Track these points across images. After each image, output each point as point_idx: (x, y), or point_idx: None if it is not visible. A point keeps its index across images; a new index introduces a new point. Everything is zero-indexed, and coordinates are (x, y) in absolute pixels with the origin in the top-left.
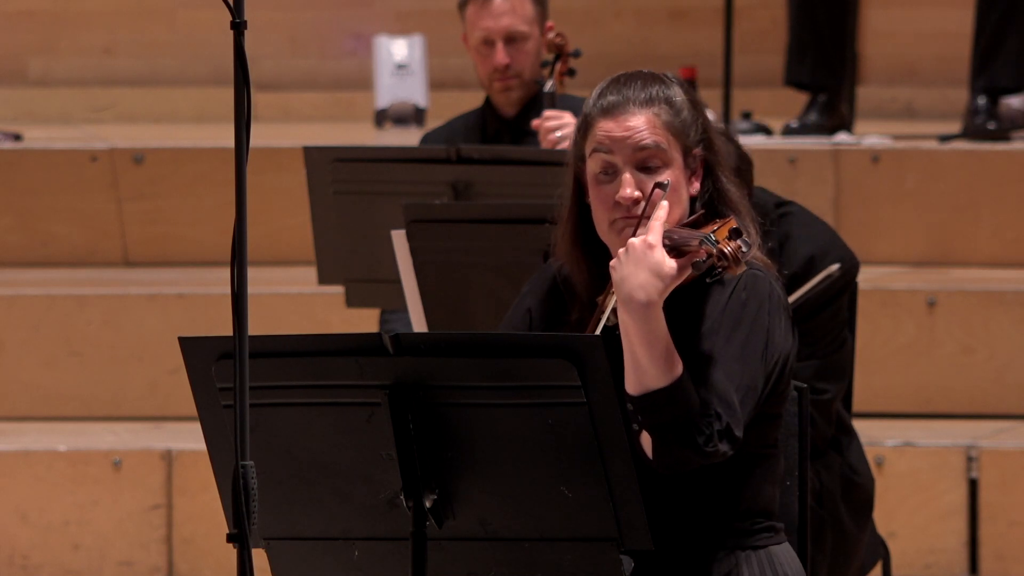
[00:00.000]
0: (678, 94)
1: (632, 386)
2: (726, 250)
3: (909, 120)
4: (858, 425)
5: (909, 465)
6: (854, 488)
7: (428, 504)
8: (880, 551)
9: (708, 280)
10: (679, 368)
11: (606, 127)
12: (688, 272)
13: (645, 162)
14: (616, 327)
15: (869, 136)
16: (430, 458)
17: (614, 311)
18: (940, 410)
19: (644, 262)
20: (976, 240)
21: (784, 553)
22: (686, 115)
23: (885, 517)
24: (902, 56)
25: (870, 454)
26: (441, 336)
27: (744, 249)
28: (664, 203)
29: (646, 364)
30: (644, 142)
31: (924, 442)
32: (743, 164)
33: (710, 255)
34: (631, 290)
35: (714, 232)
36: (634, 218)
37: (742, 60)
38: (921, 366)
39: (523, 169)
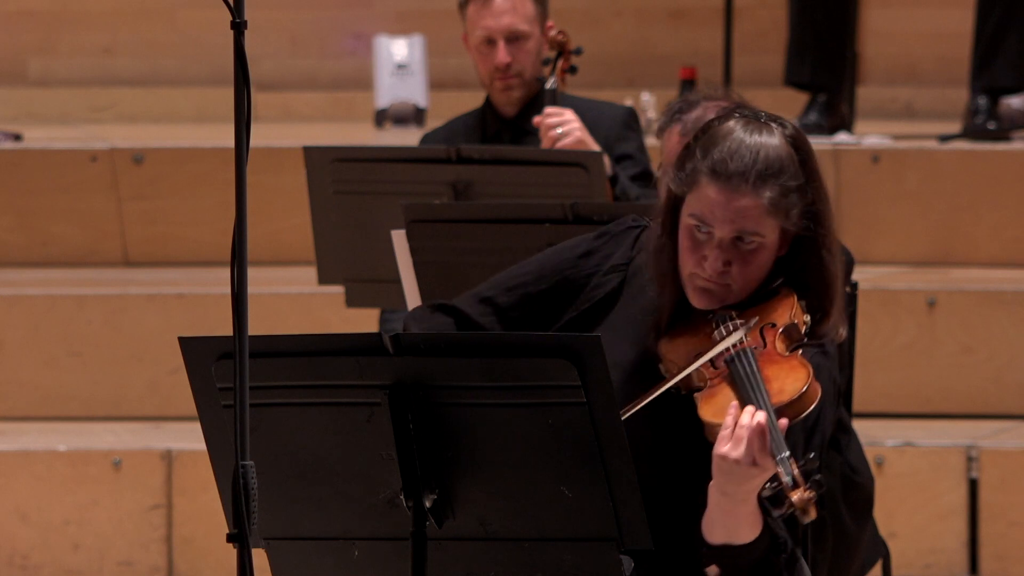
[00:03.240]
0: (790, 163)
1: (715, 538)
2: (795, 499)
3: (909, 120)
4: (858, 425)
5: (909, 465)
6: (854, 488)
7: (428, 504)
8: (880, 551)
9: (776, 516)
10: (760, 523)
11: (712, 196)
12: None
13: (740, 238)
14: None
15: (869, 136)
16: (430, 458)
17: (678, 390)
18: (940, 410)
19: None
20: (976, 240)
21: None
22: (793, 195)
23: (885, 517)
24: (902, 56)
25: (870, 454)
26: (441, 336)
27: (816, 500)
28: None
29: (733, 528)
30: (745, 230)
31: (924, 442)
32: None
33: (783, 494)
34: (732, 492)
35: (788, 408)
36: (715, 284)
37: (742, 60)
38: (921, 366)
39: (523, 169)
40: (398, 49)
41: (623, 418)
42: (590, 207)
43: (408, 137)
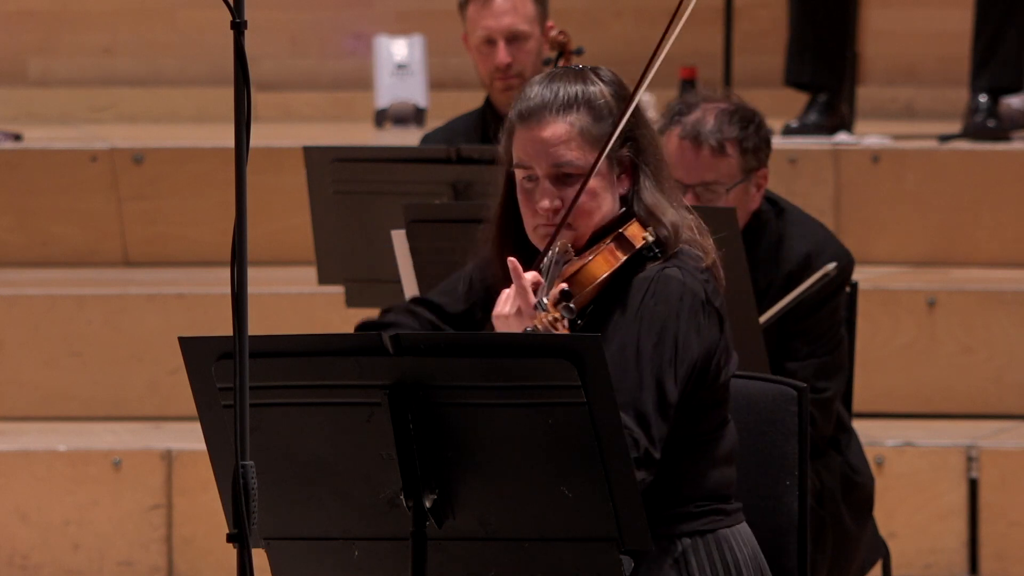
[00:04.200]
0: (601, 94)
1: None
2: (544, 322)
3: (909, 120)
4: (858, 425)
5: (909, 465)
6: (854, 488)
7: (428, 504)
8: (880, 551)
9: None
10: None
11: (524, 136)
12: None
13: (562, 172)
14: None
15: (869, 136)
16: (430, 458)
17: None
18: (940, 410)
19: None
20: (976, 240)
21: (737, 535)
22: (607, 120)
23: (885, 517)
24: (902, 56)
25: (870, 454)
26: (441, 336)
27: (565, 316)
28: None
29: None
30: (560, 159)
31: (924, 442)
32: (763, 144)
33: (538, 324)
34: None
35: (565, 279)
36: (552, 226)
37: (742, 60)
38: (921, 366)
39: None
40: (398, 49)
41: None
42: None
43: (408, 137)
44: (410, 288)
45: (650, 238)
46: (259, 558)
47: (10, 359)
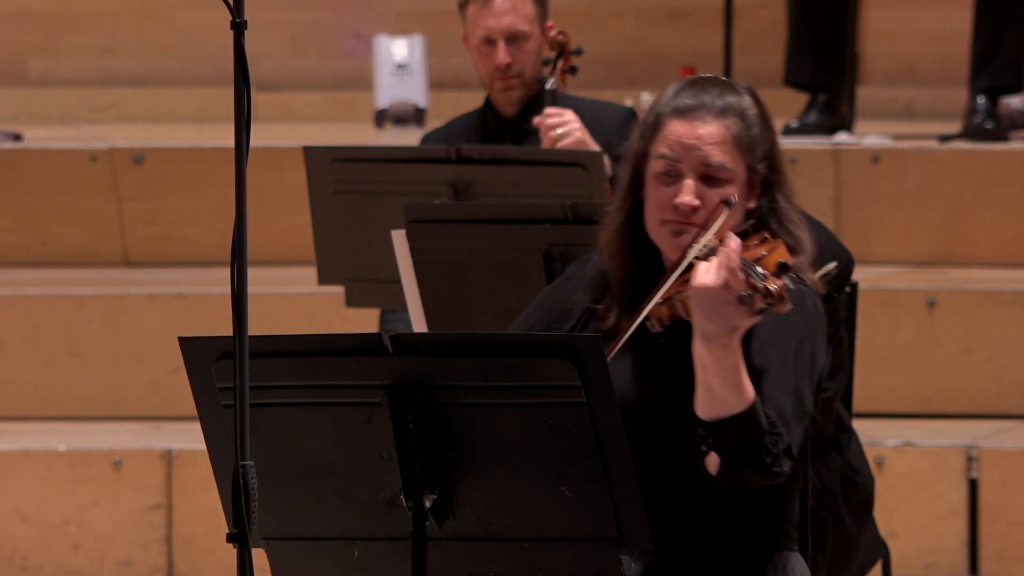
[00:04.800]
0: (751, 107)
1: (705, 411)
2: (772, 287)
3: (909, 120)
4: (858, 425)
5: (909, 465)
6: (854, 488)
7: (428, 504)
8: (880, 551)
9: (752, 314)
10: (751, 393)
11: (677, 130)
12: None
13: (709, 173)
14: (651, 332)
15: (869, 136)
16: (430, 458)
17: (657, 319)
18: (940, 410)
19: (723, 308)
20: (976, 240)
21: (795, 561)
22: (756, 131)
23: (885, 517)
24: (902, 56)
25: (870, 454)
26: (441, 336)
27: (791, 286)
28: (724, 226)
29: (721, 392)
30: (712, 159)
31: (924, 442)
32: None
33: (756, 291)
34: (713, 332)
35: (761, 261)
36: (688, 224)
37: (742, 60)
38: (921, 366)
39: (523, 169)
40: (398, 49)
41: (610, 356)
42: (590, 207)
43: (408, 137)
44: (410, 288)
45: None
46: (259, 558)
47: (10, 359)
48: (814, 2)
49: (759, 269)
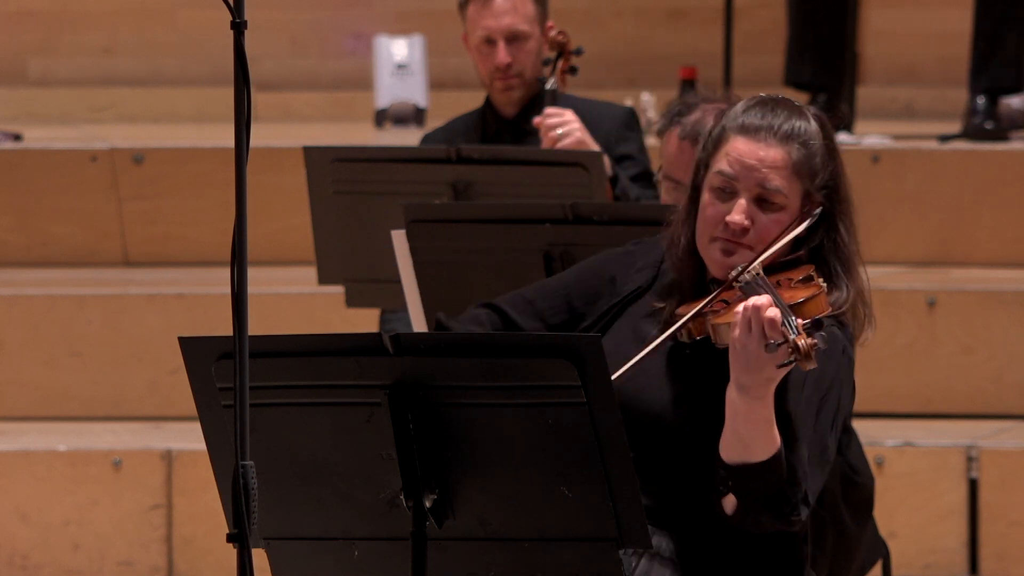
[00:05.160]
0: (816, 135)
1: (729, 455)
2: (801, 344)
3: (909, 120)
4: (858, 425)
5: (909, 465)
6: (854, 488)
7: (428, 504)
8: (880, 551)
9: (777, 366)
10: (777, 442)
11: (740, 147)
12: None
13: (764, 196)
14: (682, 344)
15: (869, 136)
16: (430, 458)
17: (687, 332)
18: (940, 410)
19: (758, 361)
20: (976, 240)
21: None
22: (818, 161)
23: (885, 517)
24: (902, 56)
25: (870, 454)
26: (441, 336)
27: (821, 346)
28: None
29: (749, 439)
30: (769, 183)
31: (924, 442)
32: None
33: (786, 341)
34: (749, 384)
35: (798, 309)
36: (736, 244)
37: (742, 60)
38: (921, 366)
39: (523, 169)
40: (398, 49)
41: (640, 360)
42: (590, 207)
43: (408, 137)
44: (410, 288)
45: (823, 284)
46: (259, 558)
47: (10, 359)
48: (814, 2)
49: (794, 321)
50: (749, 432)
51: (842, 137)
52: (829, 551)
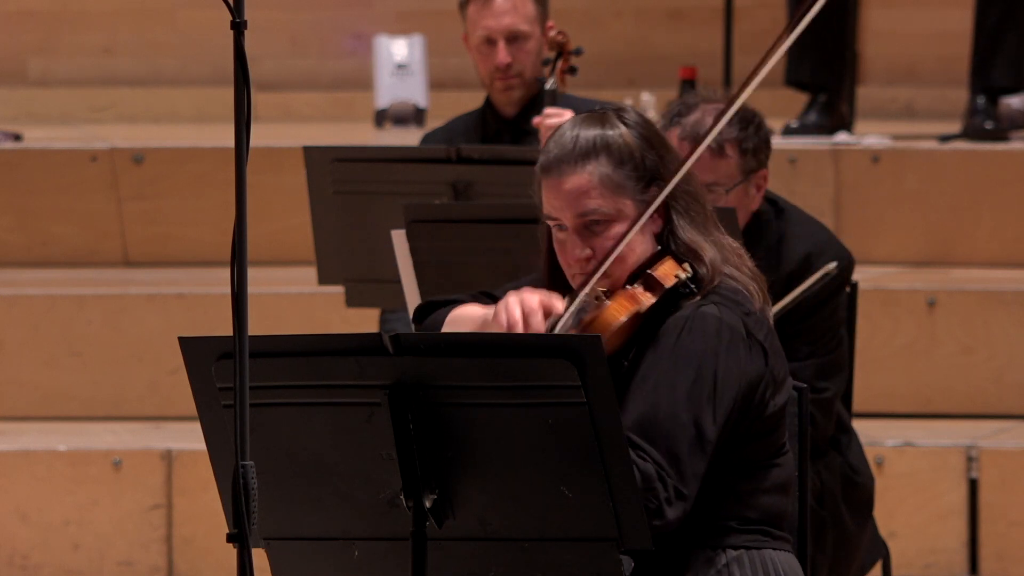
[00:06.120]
0: (620, 136)
1: None
2: None
3: (909, 120)
4: (858, 425)
5: (909, 465)
6: (854, 488)
7: (428, 504)
8: (880, 551)
9: None
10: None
11: (548, 190)
12: None
13: (588, 221)
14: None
15: (869, 136)
16: (430, 458)
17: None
18: (940, 410)
19: None
20: (976, 240)
21: (782, 560)
22: (628, 163)
23: (885, 517)
24: (902, 56)
25: (870, 454)
26: (441, 336)
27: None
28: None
29: None
30: (584, 209)
31: (924, 442)
32: (762, 145)
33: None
34: None
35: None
36: (586, 273)
37: (742, 60)
38: (921, 366)
39: (523, 169)
40: (398, 49)
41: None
42: None
43: (408, 137)
44: (410, 288)
45: (683, 275)
46: (259, 558)
47: (10, 359)
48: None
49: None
50: None
51: (842, 137)
52: (829, 551)
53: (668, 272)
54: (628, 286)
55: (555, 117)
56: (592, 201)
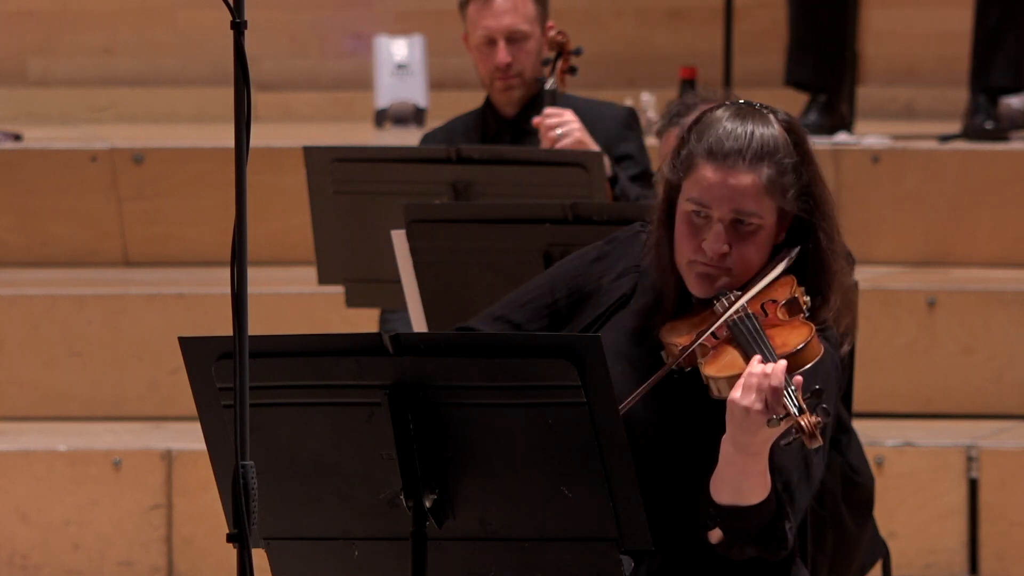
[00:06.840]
0: (785, 146)
1: (721, 497)
2: (803, 423)
3: (909, 120)
4: (858, 425)
5: (909, 465)
6: (854, 488)
7: (428, 504)
8: (880, 551)
9: (782, 444)
10: (769, 486)
11: (709, 176)
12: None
13: (739, 220)
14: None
15: (869, 136)
16: (430, 458)
17: (679, 365)
18: (940, 410)
19: (759, 427)
20: (976, 240)
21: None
22: (789, 175)
23: (885, 517)
24: (902, 56)
25: (870, 454)
26: (441, 336)
27: (824, 424)
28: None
29: (742, 488)
30: (743, 209)
31: (924, 442)
32: None
33: (788, 417)
34: (744, 444)
35: (795, 358)
36: (715, 268)
37: (742, 60)
38: (921, 366)
39: (523, 169)
40: (398, 49)
41: (629, 404)
42: (590, 207)
43: (408, 137)
44: (410, 288)
45: (807, 301)
46: (259, 558)
47: (10, 359)
48: (814, 2)
49: (796, 394)
50: (743, 482)
51: (842, 137)
52: (829, 551)
53: (800, 297)
54: (790, 319)
55: (555, 117)
56: (753, 203)
